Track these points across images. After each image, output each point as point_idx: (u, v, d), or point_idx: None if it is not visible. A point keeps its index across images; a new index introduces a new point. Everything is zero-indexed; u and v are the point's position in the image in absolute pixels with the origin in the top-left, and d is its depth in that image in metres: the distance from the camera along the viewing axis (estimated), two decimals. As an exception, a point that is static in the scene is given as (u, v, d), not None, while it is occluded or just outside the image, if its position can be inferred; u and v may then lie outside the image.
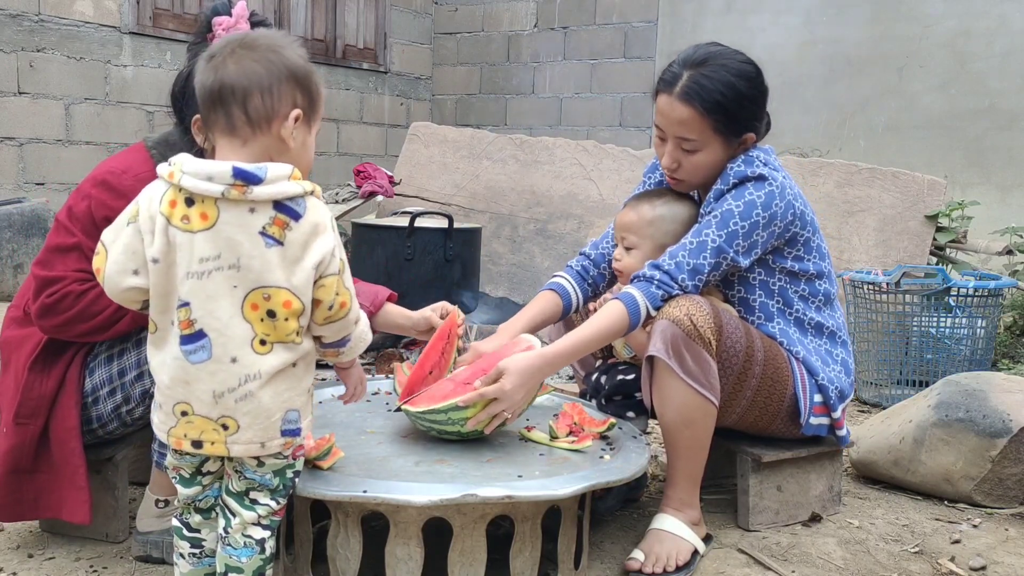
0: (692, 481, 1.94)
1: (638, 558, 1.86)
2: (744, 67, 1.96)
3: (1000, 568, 1.96)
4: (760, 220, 1.94)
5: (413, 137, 5.23)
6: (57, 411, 1.83)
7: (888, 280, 3.35)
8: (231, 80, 1.34)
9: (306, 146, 1.43)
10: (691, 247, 1.92)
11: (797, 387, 2.03)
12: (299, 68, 1.39)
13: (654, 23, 6.30)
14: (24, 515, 1.86)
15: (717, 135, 1.95)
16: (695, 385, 1.84)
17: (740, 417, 2.02)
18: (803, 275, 2.05)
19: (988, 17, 5.17)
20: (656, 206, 2.06)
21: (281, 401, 1.39)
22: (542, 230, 4.78)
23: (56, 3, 4.82)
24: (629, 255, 2.07)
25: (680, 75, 1.94)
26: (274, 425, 1.39)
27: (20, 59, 4.67)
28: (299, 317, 1.37)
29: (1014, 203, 5.10)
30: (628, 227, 2.08)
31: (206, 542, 1.51)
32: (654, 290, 1.89)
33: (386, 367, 3.54)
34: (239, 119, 1.36)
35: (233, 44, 1.38)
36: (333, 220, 1.40)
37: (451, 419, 1.78)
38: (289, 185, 1.34)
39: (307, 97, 1.40)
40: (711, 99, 1.91)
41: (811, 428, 2.07)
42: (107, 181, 1.79)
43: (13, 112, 4.69)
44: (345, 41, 6.51)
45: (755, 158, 1.99)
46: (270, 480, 1.44)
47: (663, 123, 1.99)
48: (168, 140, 1.87)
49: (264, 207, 1.33)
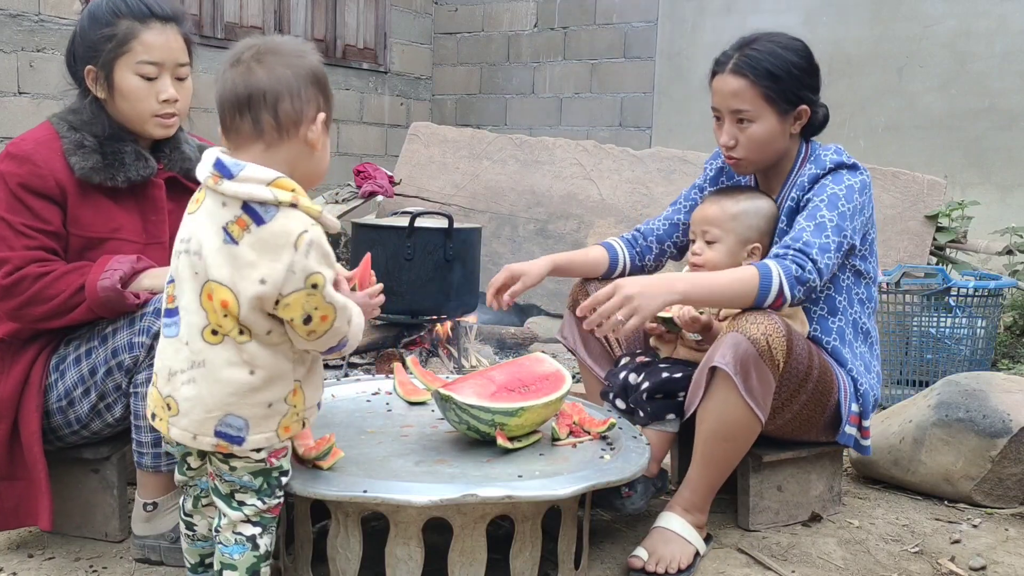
0: (711, 489, 1.94)
1: (641, 556, 1.85)
2: (792, 41, 2.05)
3: (1000, 568, 1.96)
4: (859, 205, 1.99)
5: (413, 137, 5.23)
6: (22, 415, 1.82)
7: (888, 280, 3.34)
8: (261, 85, 1.36)
9: (325, 147, 1.45)
10: (811, 228, 1.93)
11: (841, 397, 2.03)
12: (321, 72, 1.42)
13: (654, 23, 6.29)
14: (7, 524, 1.86)
15: (769, 104, 1.99)
16: (752, 404, 1.84)
17: (778, 427, 2.02)
18: (865, 276, 2.09)
19: (988, 17, 5.17)
20: (739, 200, 2.07)
21: (222, 401, 1.37)
22: (542, 230, 4.78)
23: (56, 3, 4.82)
24: (711, 248, 2.06)
25: (732, 55, 2.03)
26: (208, 421, 1.38)
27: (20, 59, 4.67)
28: (237, 319, 1.36)
29: (1014, 203, 5.10)
30: (711, 220, 2.06)
31: (197, 528, 1.57)
32: (788, 263, 1.87)
33: (386, 367, 3.53)
34: (268, 124, 1.37)
35: (257, 49, 1.39)
36: (308, 236, 1.34)
37: (494, 421, 1.78)
38: (259, 188, 1.33)
39: (326, 101, 1.42)
40: (760, 67, 1.98)
41: (844, 437, 2.07)
42: (10, 152, 1.85)
43: (13, 112, 4.69)
44: (345, 41, 6.50)
45: (843, 149, 2.07)
46: (250, 481, 1.44)
47: (718, 101, 2.05)
48: (72, 108, 1.93)
49: (234, 204, 1.34)
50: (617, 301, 1.77)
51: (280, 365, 1.40)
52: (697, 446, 1.92)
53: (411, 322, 3.66)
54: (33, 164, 1.81)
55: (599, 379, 2.22)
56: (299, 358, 1.44)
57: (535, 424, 1.86)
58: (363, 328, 1.48)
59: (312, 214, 1.37)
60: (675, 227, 2.34)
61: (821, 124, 2.11)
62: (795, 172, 2.09)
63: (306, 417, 1.49)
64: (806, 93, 2.03)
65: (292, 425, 1.45)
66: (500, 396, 1.80)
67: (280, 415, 1.42)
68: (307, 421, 1.50)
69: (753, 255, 2.04)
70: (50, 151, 1.83)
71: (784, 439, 2.08)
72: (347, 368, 3.63)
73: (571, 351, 2.28)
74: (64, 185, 1.82)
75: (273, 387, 1.40)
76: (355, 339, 1.47)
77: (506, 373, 1.90)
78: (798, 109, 2.02)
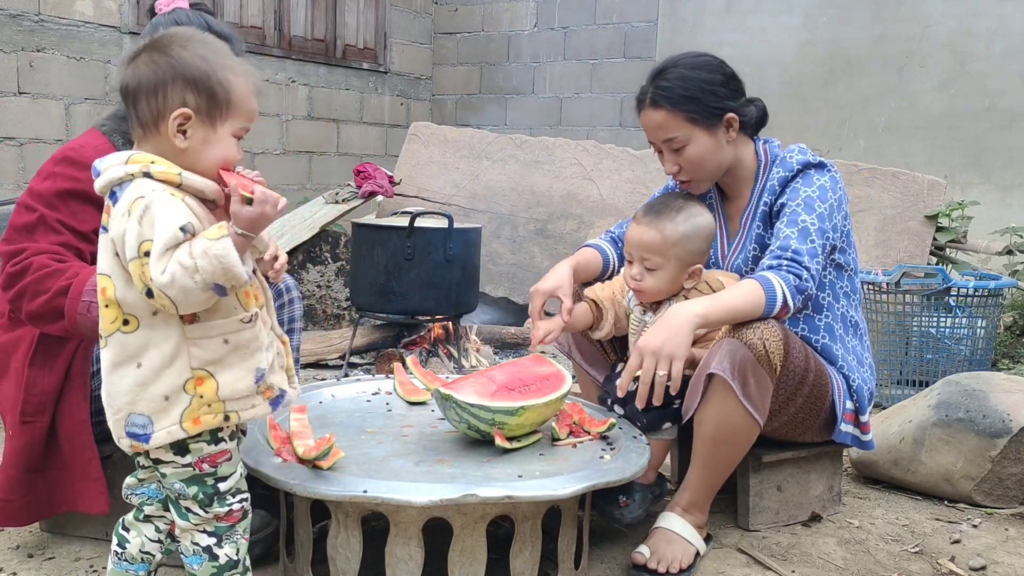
0: (710, 491, 1.95)
1: (644, 553, 1.86)
2: (698, 59, 2.07)
3: (1000, 568, 1.96)
4: (834, 203, 2.00)
5: (413, 137, 5.23)
6: (65, 405, 1.82)
7: (888, 280, 3.35)
8: (126, 82, 1.38)
9: (208, 142, 1.37)
10: (796, 235, 1.94)
11: (835, 396, 2.03)
12: (190, 68, 1.36)
13: (654, 23, 6.30)
14: (41, 514, 1.86)
15: (694, 124, 2.01)
16: (750, 409, 1.84)
17: (775, 429, 2.02)
18: (846, 269, 2.10)
19: (988, 17, 5.17)
20: (678, 224, 1.95)
21: (124, 401, 1.35)
22: (542, 230, 4.78)
23: (56, 3, 4.82)
24: (652, 276, 1.96)
25: (647, 90, 2.06)
26: (118, 423, 1.37)
27: (20, 59, 4.67)
28: (120, 306, 1.33)
29: (1014, 203, 5.10)
30: (650, 248, 1.95)
31: (129, 545, 1.49)
32: (786, 274, 1.88)
33: (386, 367, 3.53)
34: (134, 122, 1.39)
35: (141, 46, 1.40)
36: (143, 202, 1.28)
37: (495, 420, 1.78)
38: (116, 170, 1.34)
39: (204, 96, 1.36)
40: (675, 95, 2.01)
41: (841, 435, 2.07)
42: (68, 157, 1.86)
43: (13, 112, 4.69)
44: (345, 41, 6.50)
45: (807, 148, 2.07)
46: (183, 488, 1.40)
47: (649, 135, 2.08)
48: (117, 114, 1.96)
49: (106, 196, 1.37)
50: (650, 362, 1.78)
51: (167, 354, 1.33)
52: (696, 450, 1.93)
53: (411, 322, 3.66)
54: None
55: (595, 383, 2.22)
56: (197, 344, 1.34)
57: (535, 424, 1.86)
58: (222, 254, 1.27)
59: (169, 179, 1.32)
60: None
61: (759, 120, 2.11)
62: (762, 176, 2.10)
63: (232, 410, 1.37)
64: (726, 103, 2.03)
65: (203, 417, 1.35)
66: (500, 395, 1.81)
67: (181, 406, 1.34)
68: (234, 415, 1.38)
69: (693, 276, 1.98)
70: None
71: (782, 440, 2.09)
72: (347, 368, 3.63)
73: (566, 355, 2.28)
74: None
75: (164, 378, 1.33)
76: (218, 272, 1.28)
77: (506, 373, 1.91)
78: (725, 119, 2.03)
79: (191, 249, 1.27)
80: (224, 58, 1.40)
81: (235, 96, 1.39)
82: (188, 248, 1.27)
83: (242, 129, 1.42)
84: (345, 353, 3.67)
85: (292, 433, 1.72)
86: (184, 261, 1.26)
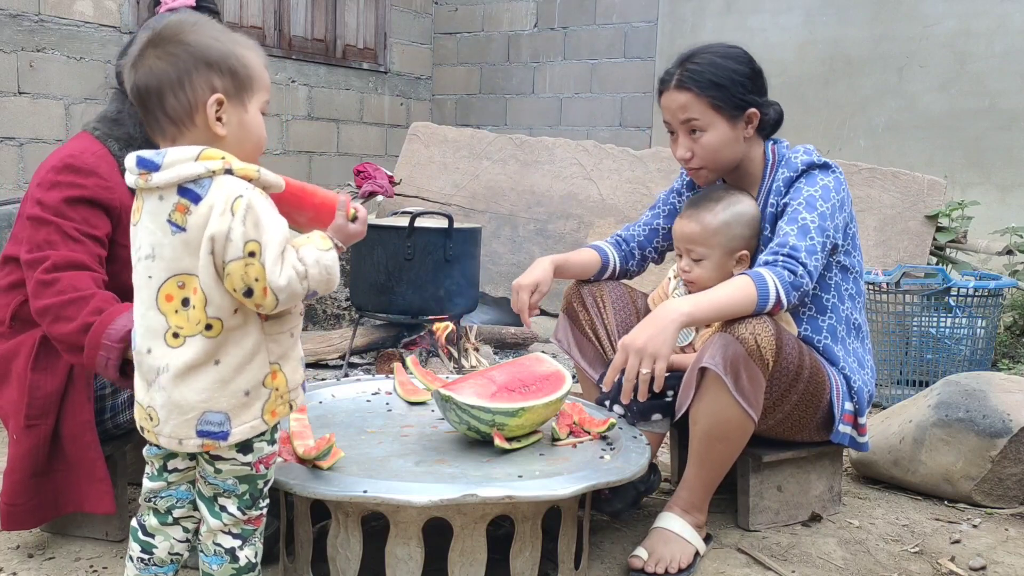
0: (708, 489, 1.95)
1: (641, 556, 1.86)
2: (730, 50, 2.08)
3: (1000, 568, 1.96)
4: (837, 203, 2.00)
5: (413, 137, 5.23)
6: (68, 407, 1.82)
7: (888, 280, 3.35)
8: (141, 83, 1.34)
9: (244, 125, 1.37)
10: (795, 232, 1.94)
11: (833, 396, 2.03)
12: (210, 51, 1.34)
13: (654, 23, 6.29)
14: (48, 517, 1.86)
15: (717, 112, 2.02)
16: (743, 404, 1.84)
17: (770, 427, 2.02)
18: (851, 271, 2.10)
19: (988, 17, 5.17)
20: (717, 212, 2.04)
21: (198, 400, 1.33)
22: (542, 230, 4.78)
23: (56, 3, 4.82)
24: (699, 266, 2.06)
25: (674, 72, 2.06)
26: (188, 423, 1.34)
27: (20, 59, 4.67)
28: (206, 307, 1.31)
29: (1014, 203, 5.10)
30: (693, 239, 2.05)
31: (156, 550, 1.46)
32: (780, 270, 1.89)
33: (386, 367, 3.53)
34: (164, 120, 1.34)
35: (143, 43, 1.35)
36: (244, 201, 1.28)
37: (495, 421, 1.78)
38: (190, 167, 1.29)
39: (229, 76, 1.35)
40: (703, 79, 2.01)
41: (839, 436, 2.07)
42: (69, 164, 1.83)
43: (13, 112, 4.69)
44: (345, 41, 6.50)
45: (812, 149, 2.08)
46: (234, 486, 1.41)
47: (668, 116, 2.08)
48: (107, 117, 1.93)
49: (169, 193, 1.30)
50: (635, 359, 1.79)
51: (248, 350, 1.35)
52: (692, 447, 1.93)
53: (411, 322, 3.66)
54: (100, 177, 1.83)
55: (594, 382, 2.22)
56: (273, 339, 1.37)
57: (535, 424, 1.86)
58: (331, 265, 1.35)
59: (249, 176, 1.32)
60: (655, 232, 2.36)
61: (776, 123, 2.13)
62: (768, 177, 2.10)
63: (292, 399, 1.43)
64: (752, 97, 2.04)
65: (278, 409, 1.40)
66: (500, 396, 1.80)
67: (261, 400, 1.37)
68: (294, 403, 1.44)
69: (742, 262, 2.05)
70: (110, 167, 1.86)
71: (778, 439, 2.09)
72: (347, 368, 3.63)
73: (566, 353, 2.29)
74: (125, 202, 1.83)
75: (245, 374, 1.35)
76: (323, 281, 1.35)
77: (506, 373, 1.91)
78: (747, 113, 2.04)
79: (300, 255, 1.32)
80: (231, 35, 1.38)
81: (254, 71, 1.39)
82: (296, 253, 1.32)
83: (265, 103, 1.41)
84: (345, 353, 3.67)
85: (292, 433, 1.72)
86: (297, 266, 1.31)
